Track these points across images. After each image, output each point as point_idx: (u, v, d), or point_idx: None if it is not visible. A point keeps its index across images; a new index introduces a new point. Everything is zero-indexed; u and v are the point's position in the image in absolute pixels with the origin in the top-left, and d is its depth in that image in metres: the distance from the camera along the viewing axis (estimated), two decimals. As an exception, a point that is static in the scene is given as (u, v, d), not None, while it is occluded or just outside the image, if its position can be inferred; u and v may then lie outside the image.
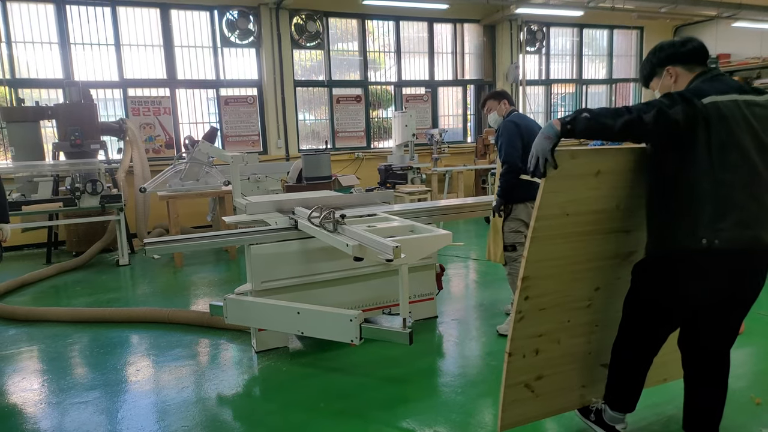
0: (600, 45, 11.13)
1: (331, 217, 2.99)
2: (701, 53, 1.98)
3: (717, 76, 1.92)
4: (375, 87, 9.28)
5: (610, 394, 2.23)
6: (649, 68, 2.03)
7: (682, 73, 1.96)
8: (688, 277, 1.89)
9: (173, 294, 4.87)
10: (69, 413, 2.79)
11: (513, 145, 3.35)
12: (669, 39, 2.03)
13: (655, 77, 2.03)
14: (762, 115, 1.83)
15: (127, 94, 7.56)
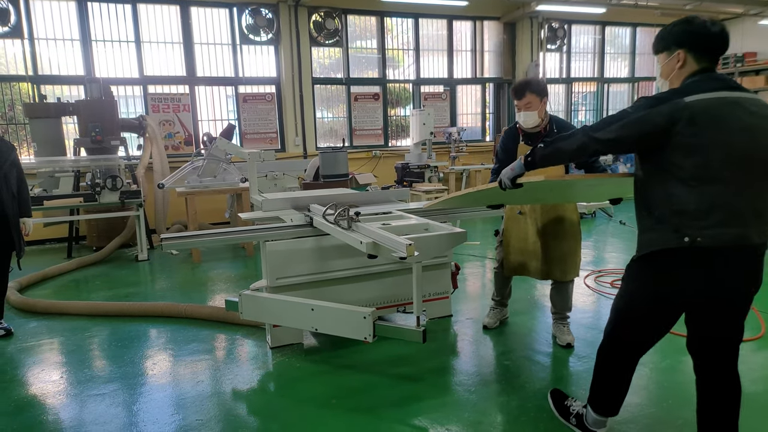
0: (623, 43, 10.93)
1: (346, 215, 2.98)
2: (720, 46, 1.91)
3: (715, 77, 1.88)
4: (393, 85, 9.25)
5: (595, 397, 2.25)
6: (665, 42, 1.96)
7: (690, 62, 1.90)
8: (674, 276, 1.87)
9: (191, 289, 4.92)
10: (87, 405, 2.83)
11: None
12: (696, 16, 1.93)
13: (666, 51, 1.96)
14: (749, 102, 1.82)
15: (147, 91, 7.65)
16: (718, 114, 1.77)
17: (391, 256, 2.58)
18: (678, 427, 2.43)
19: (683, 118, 1.76)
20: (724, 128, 1.76)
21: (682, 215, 1.80)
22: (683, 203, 1.79)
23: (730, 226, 1.76)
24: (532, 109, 3.10)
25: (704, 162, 1.77)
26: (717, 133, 1.76)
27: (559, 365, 3.13)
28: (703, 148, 1.76)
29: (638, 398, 2.71)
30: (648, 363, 3.08)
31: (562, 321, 3.44)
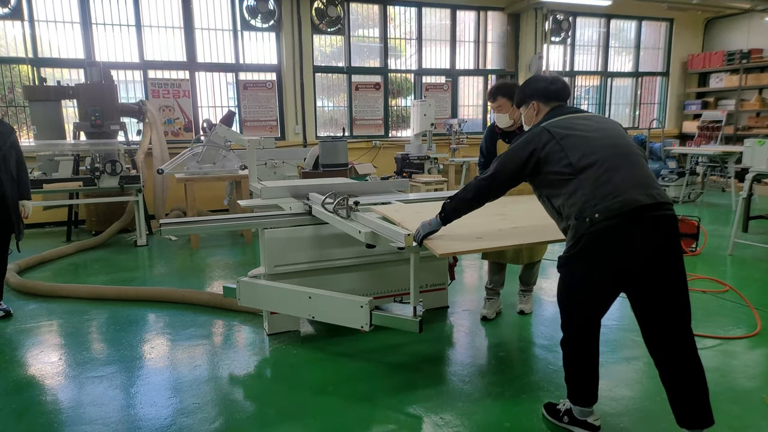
0: (627, 37, 10.86)
1: (345, 204, 2.98)
2: (562, 94, 2.37)
3: (564, 108, 2.33)
4: (395, 75, 9.20)
5: (571, 392, 2.34)
6: (521, 97, 2.45)
7: (542, 108, 2.36)
8: (595, 253, 2.07)
9: (189, 275, 4.93)
10: (85, 386, 2.85)
11: None
12: (541, 76, 2.46)
13: (523, 105, 2.43)
14: (595, 117, 2.27)
15: (147, 76, 7.61)
16: (568, 125, 2.18)
17: (390, 246, 2.58)
18: (670, 420, 2.44)
19: (543, 138, 2.16)
20: (577, 131, 2.15)
21: (580, 205, 2.06)
22: (577, 197, 2.07)
23: (615, 197, 2.00)
24: (503, 111, 3.31)
25: (570, 160, 2.10)
26: (572, 137, 2.13)
27: (554, 357, 3.15)
28: (566, 150, 2.11)
29: (631, 392, 2.73)
30: (642, 357, 3.10)
31: (524, 292, 3.83)
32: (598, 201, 2.01)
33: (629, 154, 2.13)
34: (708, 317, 3.67)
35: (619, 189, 2.01)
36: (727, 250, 5.31)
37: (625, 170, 2.07)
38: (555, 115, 2.26)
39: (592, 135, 2.15)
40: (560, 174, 2.11)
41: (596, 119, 2.25)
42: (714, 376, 2.87)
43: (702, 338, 3.33)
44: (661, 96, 11.42)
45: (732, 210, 6.93)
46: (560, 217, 2.19)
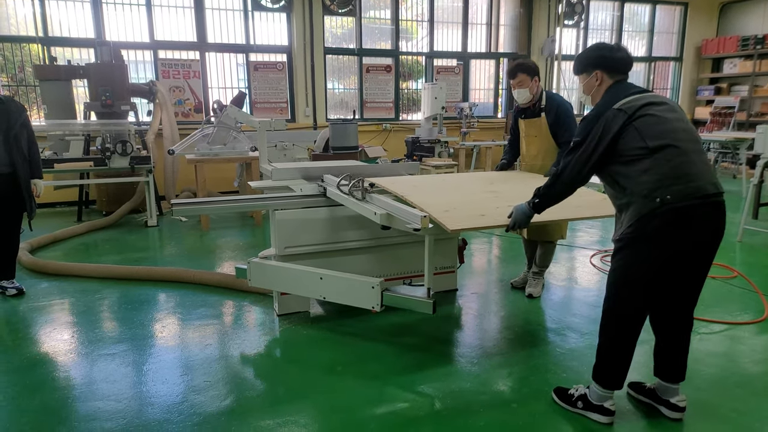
0: (641, 21, 10.66)
1: (360, 186, 2.98)
2: (626, 64, 2.30)
3: (628, 85, 2.28)
4: (406, 57, 9.11)
5: (601, 373, 2.32)
6: (583, 64, 2.36)
7: (606, 79, 2.29)
8: (668, 234, 2.08)
9: (199, 256, 4.97)
10: (97, 363, 2.90)
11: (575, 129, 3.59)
12: (603, 43, 2.38)
13: (584, 73, 2.34)
14: (658, 101, 2.19)
15: (158, 56, 7.59)
16: (642, 104, 2.14)
17: (405, 227, 2.60)
18: (677, 404, 2.46)
19: (618, 120, 2.13)
20: (651, 112, 2.13)
21: (652, 184, 2.07)
22: (647, 174, 2.08)
23: (690, 182, 2.05)
24: (524, 86, 3.56)
25: (645, 142, 2.09)
26: (648, 117, 2.11)
27: (562, 341, 3.16)
28: (642, 131, 2.10)
29: (639, 375, 2.74)
30: (649, 341, 3.08)
31: (535, 275, 3.89)
32: (672, 183, 2.04)
33: (697, 140, 2.18)
34: (716, 303, 3.67)
35: (693, 174, 2.06)
36: (736, 237, 5.27)
37: (696, 156, 2.11)
38: (621, 93, 2.21)
39: (668, 116, 2.14)
40: (634, 153, 2.10)
41: (669, 102, 2.22)
42: (720, 360, 2.88)
43: (709, 323, 3.33)
44: (674, 81, 11.24)
45: (742, 197, 6.85)
46: (623, 193, 2.16)
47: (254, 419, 2.37)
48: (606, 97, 2.25)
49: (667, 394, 2.38)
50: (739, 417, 2.36)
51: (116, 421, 2.36)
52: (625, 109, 2.14)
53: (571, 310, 3.65)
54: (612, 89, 2.26)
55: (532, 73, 3.56)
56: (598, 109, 2.23)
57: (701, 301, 3.64)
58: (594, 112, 2.23)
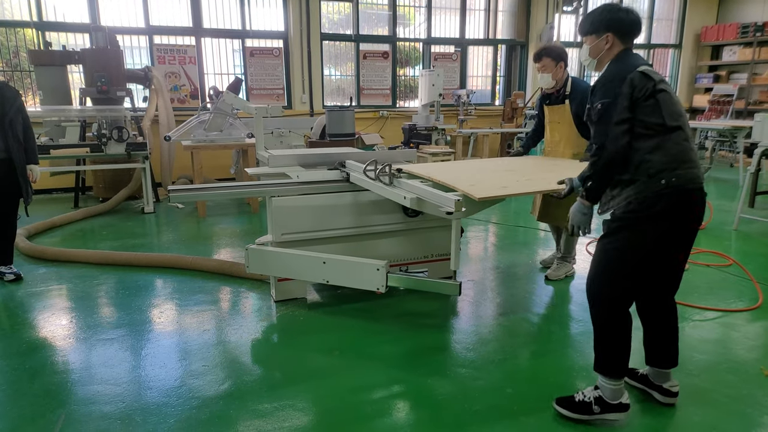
0: (641, 7, 10.59)
1: (388, 171, 3.03)
2: (637, 29, 2.20)
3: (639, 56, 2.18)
4: (403, 44, 9.05)
5: (605, 363, 2.22)
6: (593, 24, 2.22)
7: (617, 44, 2.18)
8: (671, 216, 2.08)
9: (196, 242, 4.98)
10: (95, 348, 2.92)
11: None
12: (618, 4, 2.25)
13: (594, 34, 2.21)
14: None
15: (153, 42, 7.52)
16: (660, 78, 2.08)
17: (438, 211, 2.68)
18: (669, 389, 2.50)
19: (646, 83, 2.03)
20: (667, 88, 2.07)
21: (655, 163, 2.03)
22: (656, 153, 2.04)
23: (691, 168, 2.06)
24: (547, 71, 3.58)
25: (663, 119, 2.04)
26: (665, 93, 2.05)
27: (557, 327, 3.19)
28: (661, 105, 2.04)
29: (633, 362, 2.75)
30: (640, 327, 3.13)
31: (559, 260, 3.99)
32: (678, 165, 2.03)
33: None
34: (711, 290, 3.70)
35: (694, 161, 2.08)
36: (732, 225, 5.30)
37: (692, 144, 2.12)
38: (638, 60, 2.11)
39: (675, 98, 2.10)
40: (649, 128, 2.03)
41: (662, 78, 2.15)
42: (715, 347, 2.92)
43: (703, 310, 3.36)
44: (673, 69, 11.20)
45: (739, 185, 6.88)
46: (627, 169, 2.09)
47: (252, 403, 2.39)
48: (626, 60, 2.12)
49: (659, 379, 2.39)
50: (731, 402, 2.40)
51: (115, 405, 2.38)
52: (651, 75, 2.04)
53: (567, 297, 3.68)
54: (625, 55, 2.15)
55: (558, 58, 3.55)
56: (618, 69, 2.10)
57: (696, 289, 3.71)
58: (613, 73, 2.09)
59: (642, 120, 2.04)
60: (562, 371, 2.67)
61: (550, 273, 3.94)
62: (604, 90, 2.09)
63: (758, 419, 2.29)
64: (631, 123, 2.03)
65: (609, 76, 2.11)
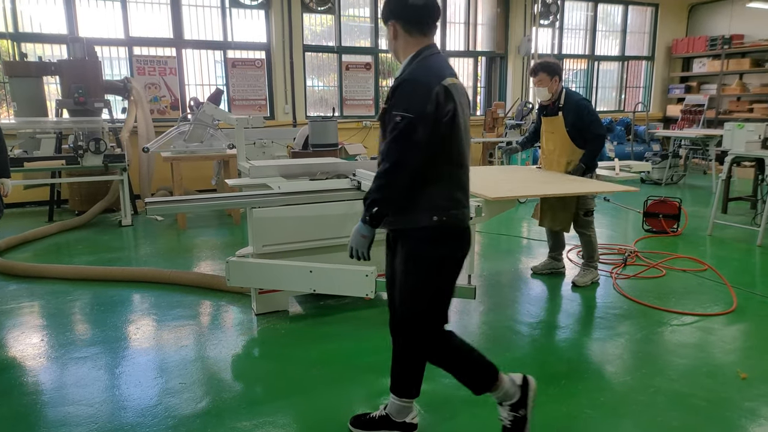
0: (614, 21, 10.86)
1: None
2: (425, 17, 1.89)
3: (440, 55, 1.93)
4: (385, 55, 9.10)
5: (401, 385, 2.14)
6: (383, 13, 1.97)
7: (402, 35, 1.91)
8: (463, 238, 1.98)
9: (175, 255, 4.89)
10: (68, 367, 2.83)
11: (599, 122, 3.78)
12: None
13: (385, 23, 1.96)
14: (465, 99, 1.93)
15: (133, 53, 7.44)
16: (460, 101, 1.86)
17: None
18: (650, 394, 2.52)
19: (449, 103, 1.79)
20: (464, 115, 1.88)
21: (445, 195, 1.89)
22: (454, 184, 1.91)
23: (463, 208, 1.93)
24: (543, 85, 3.76)
25: (458, 148, 1.86)
26: (463, 120, 1.86)
27: (539, 334, 3.20)
28: (458, 134, 1.84)
29: (613, 368, 2.80)
30: (624, 334, 3.17)
31: (585, 266, 4.03)
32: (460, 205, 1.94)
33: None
34: (687, 295, 3.76)
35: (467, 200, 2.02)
36: (707, 231, 5.41)
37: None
38: (448, 72, 1.83)
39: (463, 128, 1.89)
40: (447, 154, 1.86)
41: (462, 92, 1.93)
42: (693, 351, 2.96)
43: (681, 315, 3.41)
44: (646, 80, 11.48)
45: (712, 192, 7.04)
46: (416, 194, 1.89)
47: (230, 420, 2.34)
48: (430, 65, 1.85)
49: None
50: (710, 407, 2.42)
51: (87, 426, 2.30)
52: (456, 97, 1.80)
53: (547, 304, 3.70)
54: (429, 58, 1.87)
55: (553, 72, 3.72)
56: (423, 77, 1.80)
57: (673, 293, 3.78)
58: (418, 81, 1.79)
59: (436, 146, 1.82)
60: (546, 379, 2.67)
61: (577, 279, 3.96)
62: (408, 102, 1.77)
63: (737, 422, 2.31)
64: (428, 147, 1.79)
65: (413, 84, 1.80)
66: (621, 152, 9.20)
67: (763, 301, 3.66)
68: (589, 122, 3.71)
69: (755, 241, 5.00)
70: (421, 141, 1.76)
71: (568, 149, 3.82)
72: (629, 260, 4.42)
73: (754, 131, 5.25)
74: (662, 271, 4.23)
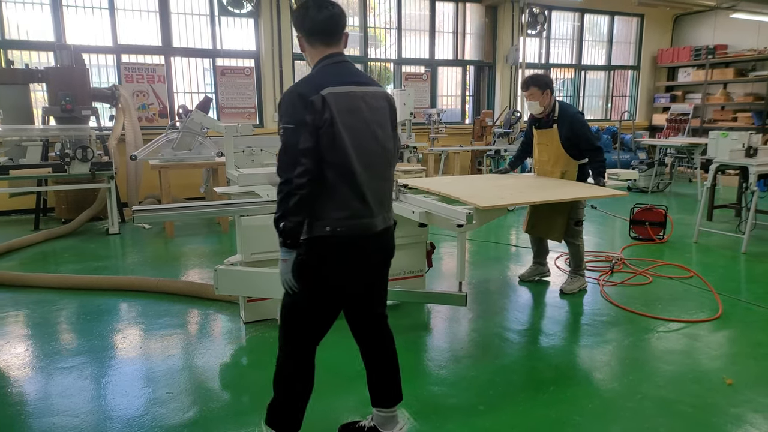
0: (600, 31, 11.03)
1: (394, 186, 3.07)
2: (325, 30, 1.91)
3: (342, 63, 1.93)
4: (374, 63, 9.16)
5: (281, 417, 2.05)
6: (294, 26, 2.00)
7: (306, 46, 1.96)
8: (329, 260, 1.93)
9: (163, 264, 4.85)
10: (53, 377, 2.79)
11: (593, 133, 3.87)
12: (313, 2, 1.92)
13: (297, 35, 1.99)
14: (375, 105, 1.92)
15: (121, 61, 7.41)
16: (353, 107, 1.84)
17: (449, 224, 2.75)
18: (637, 401, 2.54)
19: (324, 111, 1.78)
20: (353, 123, 1.84)
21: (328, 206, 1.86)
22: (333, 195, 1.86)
23: (361, 218, 1.88)
24: (534, 99, 3.79)
25: (342, 156, 1.82)
26: (348, 128, 1.83)
27: (528, 342, 3.22)
28: (341, 142, 1.81)
29: (601, 374, 2.82)
30: (611, 341, 3.20)
31: (573, 274, 4.06)
32: (346, 216, 1.90)
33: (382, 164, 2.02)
34: (673, 302, 3.80)
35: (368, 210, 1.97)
36: (692, 238, 5.48)
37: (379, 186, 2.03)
38: (335, 81, 1.84)
39: (362, 134, 1.88)
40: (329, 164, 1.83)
41: (370, 100, 1.91)
42: (679, 358, 2.99)
43: (667, 322, 3.45)
44: (632, 89, 11.65)
45: (698, 200, 7.14)
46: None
47: (218, 430, 2.32)
48: (315, 74, 1.89)
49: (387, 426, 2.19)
50: (697, 413, 2.44)
51: (73, 436, 2.27)
52: (334, 106, 1.79)
53: (535, 312, 3.72)
54: (326, 66, 1.90)
55: (544, 86, 3.77)
56: (294, 88, 1.83)
57: (659, 300, 3.81)
58: (297, 91, 1.81)
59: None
60: (534, 385, 2.68)
61: (565, 286, 4.00)
62: (287, 113, 1.80)
63: (723, 428, 2.34)
64: (316, 155, 1.78)
65: (290, 96, 1.82)
66: (608, 160, 9.22)
67: (748, 307, 3.72)
68: (585, 138, 3.78)
69: (740, 248, 5.08)
70: (307, 150, 1.76)
71: (562, 160, 3.88)
72: (616, 267, 4.47)
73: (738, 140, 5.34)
74: (649, 278, 4.27)
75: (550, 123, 3.86)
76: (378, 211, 1.94)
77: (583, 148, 3.81)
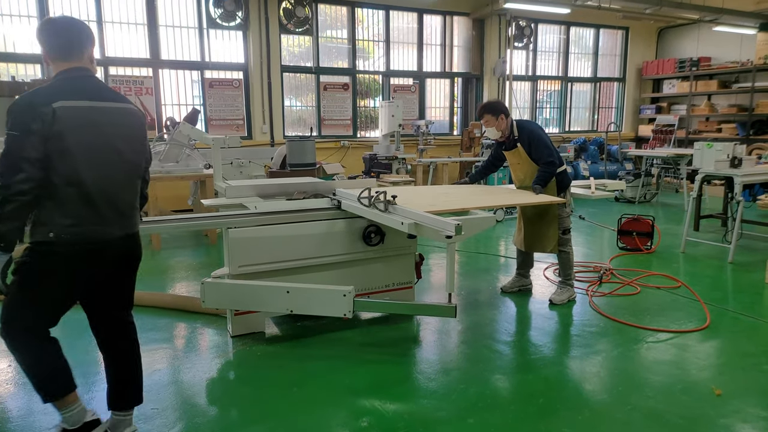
0: (586, 44, 11.21)
1: (383, 198, 3.08)
2: (61, 54, 2.02)
3: (83, 78, 2.02)
4: (363, 76, 9.21)
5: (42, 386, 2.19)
6: None
7: (49, 60, 2.05)
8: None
9: (149, 277, 4.79)
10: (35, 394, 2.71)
11: (551, 145, 3.88)
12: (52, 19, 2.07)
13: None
14: (118, 121, 2.06)
15: (108, 73, 7.38)
16: (84, 122, 1.94)
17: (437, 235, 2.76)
18: (627, 412, 2.53)
19: (54, 123, 1.87)
20: (88, 136, 1.95)
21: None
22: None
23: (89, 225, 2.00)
24: (490, 125, 3.92)
25: (71, 167, 1.92)
26: (81, 141, 1.93)
27: (517, 353, 3.21)
28: (71, 153, 1.91)
29: (590, 385, 2.81)
30: (600, 351, 3.20)
31: (562, 284, 4.09)
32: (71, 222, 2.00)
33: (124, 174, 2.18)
34: (662, 312, 3.82)
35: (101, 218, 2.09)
36: (679, 248, 5.53)
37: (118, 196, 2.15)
38: (52, 88, 1.94)
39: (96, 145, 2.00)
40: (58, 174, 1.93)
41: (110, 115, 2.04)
42: (668, 368, 2.99)
43: (656, 332, 3.46)
44: (618, 101, 11.82)
45: (684, 210, 7.22)
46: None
47: (205, 446, 2.28)
48: (50, 85, 1.97)
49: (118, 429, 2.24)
50: (686, 423, 2.44)
51: (54, 455, 2.21)
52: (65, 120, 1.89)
53: (524, 323, 3.72)
54: (63, 80, 1.98)
55: (497, 112, 3.87)
56: (24, 96, 1.91)
57: (647, 311, 3.83)
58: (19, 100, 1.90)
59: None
60: (524, 397, 2.67)
61: (554, 297, 4.01)
62: (13, 120, 1.89)
63: (711, 438, 2.34)
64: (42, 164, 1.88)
65: (18, 104, 1.89)
66: (595, 171, 9.41)
67: (735, 317, 3.74)
68: (539, 151, 3.82)
69: (727, 258, 5.13)
70: (34, 159, 1.85)
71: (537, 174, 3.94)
72: (605, 278, 4.49)
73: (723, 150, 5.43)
74: (637, 289, 4.30)
75: (513, 144, 3.95)
76: (115, 219, 2.08)
77: (540, 162, 3.84)
